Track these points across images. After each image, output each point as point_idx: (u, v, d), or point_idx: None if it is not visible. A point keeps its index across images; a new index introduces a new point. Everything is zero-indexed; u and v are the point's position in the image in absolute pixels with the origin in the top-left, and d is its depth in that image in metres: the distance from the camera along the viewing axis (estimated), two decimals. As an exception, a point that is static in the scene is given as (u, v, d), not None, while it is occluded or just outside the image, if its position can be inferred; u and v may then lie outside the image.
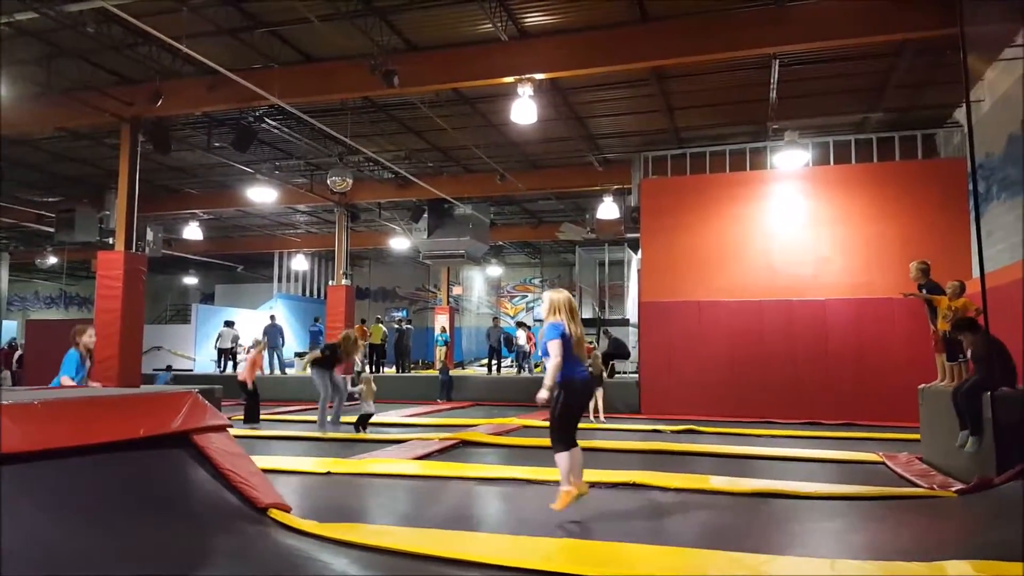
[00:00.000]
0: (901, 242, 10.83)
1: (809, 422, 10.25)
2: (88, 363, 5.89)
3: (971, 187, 8.51)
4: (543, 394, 4.00)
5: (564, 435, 3.90)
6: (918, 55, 9.42)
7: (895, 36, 8.39)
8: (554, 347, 3.88)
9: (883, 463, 6.57)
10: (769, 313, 11.37)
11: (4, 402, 3.13)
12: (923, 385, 6.88)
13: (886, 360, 10.46)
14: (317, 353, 9.32)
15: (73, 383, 5.60)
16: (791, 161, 11.87)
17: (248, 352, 11.79)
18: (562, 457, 3.87)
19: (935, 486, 5.27)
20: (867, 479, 5.82)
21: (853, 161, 11.57)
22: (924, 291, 6.89)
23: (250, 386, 9.92)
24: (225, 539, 3.25)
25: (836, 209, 11.47)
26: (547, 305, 4.06)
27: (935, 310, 6.71)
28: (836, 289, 11.17)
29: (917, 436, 7.07)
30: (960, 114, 9.62)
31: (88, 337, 5.84)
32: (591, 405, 10.28)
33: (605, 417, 10.35)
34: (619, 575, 3.18)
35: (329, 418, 9.05)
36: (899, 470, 6.11)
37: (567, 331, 3.94)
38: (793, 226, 11.61)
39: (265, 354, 14.64)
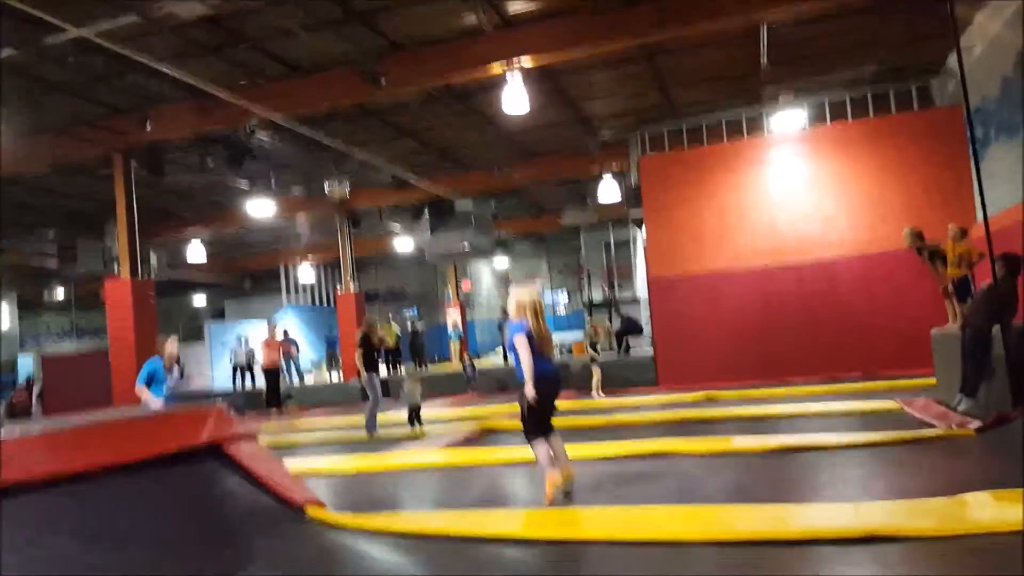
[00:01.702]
0: (905, 193, 10.80)
1: (828, 379, 10.28)
2: (176, 371, 6.14)
3: (969, 133, 8.52)
4: (530, 391, 3.99)
5: (536, 426, 3.98)
6: (905, 6, 9.36)
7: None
8: (521, 342, 3.95)
9: (901, 409, 6.62)
10: (779, 277, 11.36)
11: (34, 432, 3.23)
12: (935, 329, 6.91)
13: (900, 311, 10.44)
14: (360, 354, 8.59)
15: (147, 392, 5.86)
16: (788, 124, 11.81)
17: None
18: (538, 444, 3.95)
19: (953, 426, 5.32)
20: (887, 426, 5.87)
21: (849, 118, 11.52)
22: (925, 253, 6.92)
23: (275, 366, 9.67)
24: (265, 539, 3.35)
25: (837, 167, 11.43)
26: (513, 305, 4.13)
27: (936, 265, 6.77)
28: (844, 247, 11.15)
29: (934, 381, 7.10)
30: (953, 61, 9.55)
31: (170, 346, 6.14)
32: (593, 382, 10.47)
33: (605, 393, 10.48)
34: (648, 536, 3.25)
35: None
36: (917, 414, 6.17)
37: (531, 329, 4.02)
38: (795, 189, 11.57)
39: (282, 362, 14.77)
